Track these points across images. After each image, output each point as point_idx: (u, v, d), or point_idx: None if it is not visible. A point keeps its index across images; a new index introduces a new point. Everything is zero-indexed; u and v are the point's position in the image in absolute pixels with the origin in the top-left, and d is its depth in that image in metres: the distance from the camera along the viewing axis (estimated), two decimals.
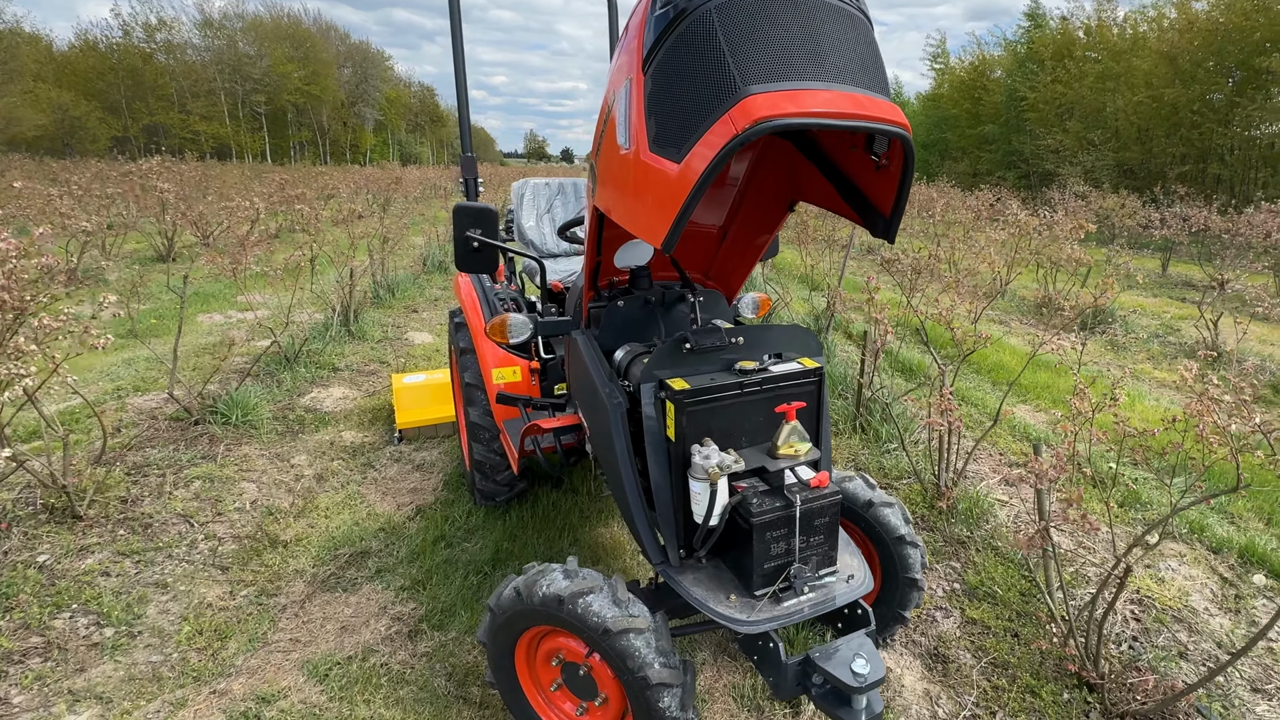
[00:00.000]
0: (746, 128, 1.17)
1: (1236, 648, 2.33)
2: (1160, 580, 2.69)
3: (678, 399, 1.65)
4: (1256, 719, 2.05)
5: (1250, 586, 2.64)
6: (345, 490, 3.55)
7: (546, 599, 1.72)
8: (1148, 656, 2.23)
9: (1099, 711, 2.03)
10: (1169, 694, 1.96)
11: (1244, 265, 7.63)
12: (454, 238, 2.29)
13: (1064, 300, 6.85)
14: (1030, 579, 2.64)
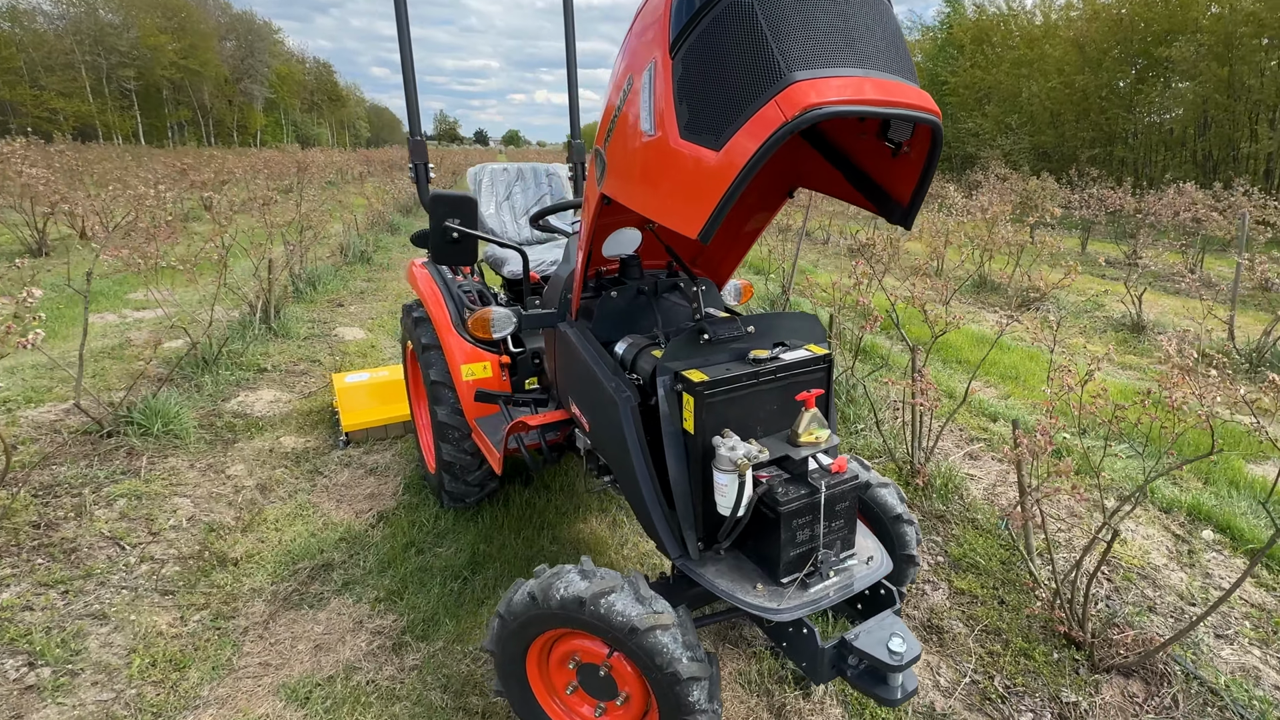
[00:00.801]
0: (796, 115, 1.17)
1: (1196, 600, 2.61)
2: (1123, 541, 2.96)
3: (697, 391, 1.68)
4: (1223, 662, 2.31)
5: (1200, 542, 2.96)
6: (294, 500, 3.38)
7: (566, 601, 1.71)
8: (1124, 613, 2.47)
9: (1087, 668, 2.23)
10: (1148, 648, 2.17)
11: (1155, 243, 8.43)
12: (431, 228, 2.23)
13: (1003, 279, 7.36)
14: (1010, 548, 2.85)
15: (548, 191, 3.55)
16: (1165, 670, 2.20)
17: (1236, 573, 2.79)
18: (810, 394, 1.73)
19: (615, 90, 1.58)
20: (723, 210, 1.29)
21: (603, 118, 1.67)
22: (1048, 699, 2.15)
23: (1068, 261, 5.66)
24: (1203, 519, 3.10)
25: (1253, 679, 2.24)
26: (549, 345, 2.49)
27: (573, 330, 2.18)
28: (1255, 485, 3.44)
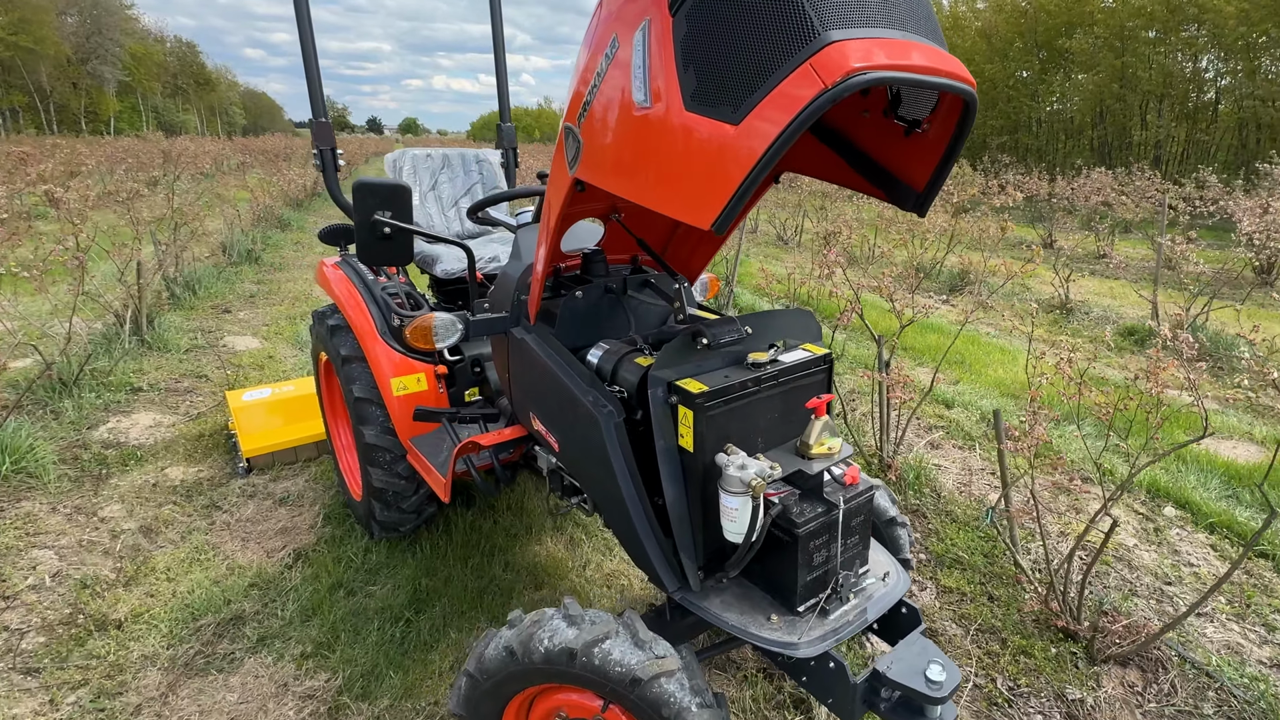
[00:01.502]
0: (838, 81, 1.01)
1: (1172, 578, 2.70)
2: (1042, 531, 3.06)
3: (697, 403, 1.52)
4: (1209, 641, 2.39)
5: (1164, 519, 3.09)
6: (189, 542, 2.98)
7: (552, 654, 1.52)
8: (1111, 599, 2.52)
9: (1085, 661, 2.25)
10: (1143, 637, 2.21)
11: (1066, 226, 9.04)
12: (356, 222, 1.97)
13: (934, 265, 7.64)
14: (990, 540, 2.87)
15: (479, 180, 3.30)
16: (1160, 656, 2.25)
17: (1202, 548, 2.93)
18: (821, 400, 1.61)
19: (593, 55, 1.38)
20: (743, 196, 1.12)
21: (574, 89, 1.47)
22: (1053, 697, 2.14)
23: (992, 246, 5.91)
24: (1161, 496, 3.25)
25: (1238, 656, 2.33)
26: (499, 353, 2.26)
27: (531, 337, 1.98)
28: (1200, 460, 3.66)
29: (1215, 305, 5.66)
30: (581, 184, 1.53)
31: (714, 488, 1.60)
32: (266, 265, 8.88)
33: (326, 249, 10.57)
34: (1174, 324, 1.97)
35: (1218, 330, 5.54)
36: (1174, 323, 1.96)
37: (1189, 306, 5.60)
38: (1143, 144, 18.81)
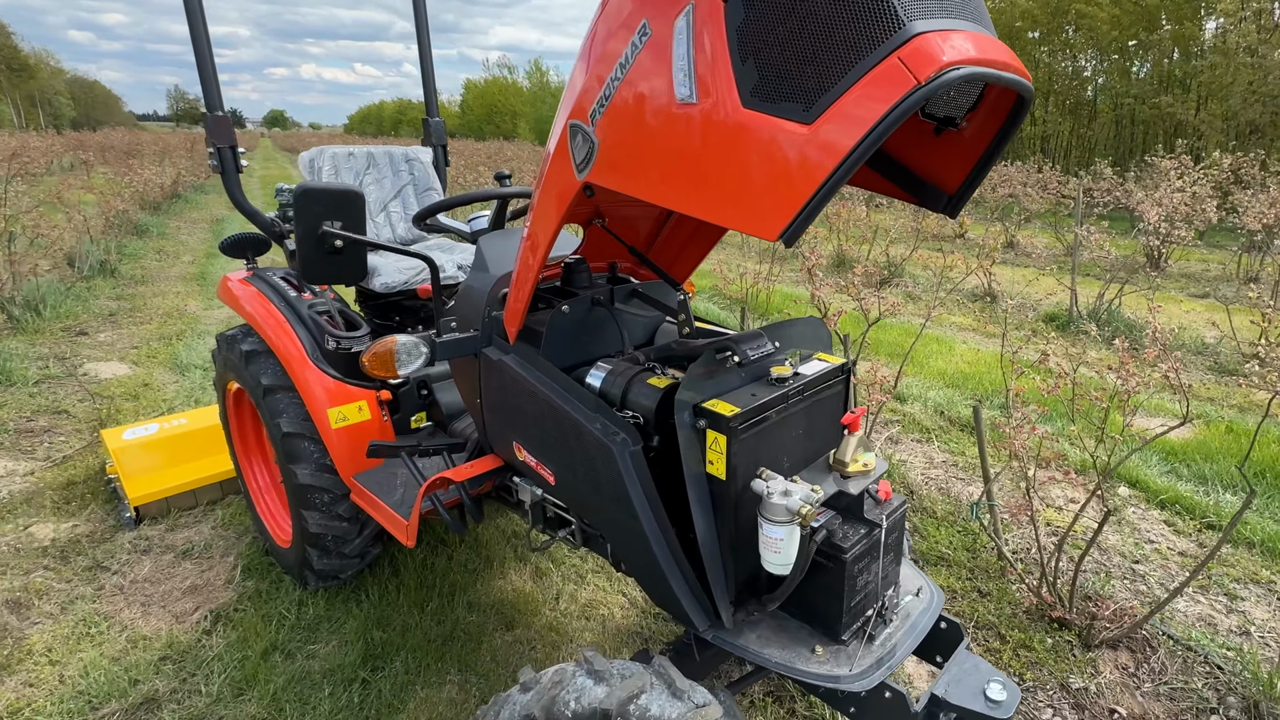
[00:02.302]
0: (931, 76, 0.95)
1: (1139, 557, 2.89)
2: (1060, 509, 3.23)
3: (731, 427, 1.43)
4: (1183, 615, 2.56)
5: (1119, 499, 3.31)
6: (71, 614, 2.60)
7: (581, 717, 1.39)
8: (1094, 584, 2.65)
9: (1080, 648, 2.35)
10: (1133, 621, 2.35)
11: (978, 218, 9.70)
12: (300, 235, 1.77)
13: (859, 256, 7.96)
14: (972, 535, 2.97)
15: (409, 181, 3.08)
16: (1147, 636, 2.38)
17: (1158, 525, 3.15)
18: (855, 415, 1.57)
19: (613, 42, 1.26)
20: (819, 205, 1.03)
21: (584, 83, 1.34)
22: (1059, 688, 2.22)
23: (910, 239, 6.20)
24: (1114, 477, 3.49)
25: (1211, 628, 2.51)
26: (465, 376, 2.09)
27: (512, 358, 1.83)
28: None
29: (1128, 290, 6.20)
30: (591, 189, 1.40)
31: (747, 516, 1.53)
32: (125, 278, 8.04)
33: (199, 257, 9.74)
34: (1159, 338, 2.09)
35: (1132, 315, 6.08)
36: (1158, 333, 2.09)
37: (1103, 292, 6.10)
38: (1032, 138, 20.63)
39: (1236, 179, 8.93)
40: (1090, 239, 5.48)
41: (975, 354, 5.54)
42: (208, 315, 6.77)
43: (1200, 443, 3.87)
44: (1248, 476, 2.23)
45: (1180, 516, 3.22)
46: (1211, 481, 3.48)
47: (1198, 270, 8.66)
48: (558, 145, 1.45)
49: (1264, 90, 13.25)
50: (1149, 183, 8.61)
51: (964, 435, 4.04)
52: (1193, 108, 14.38)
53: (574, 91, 1.39)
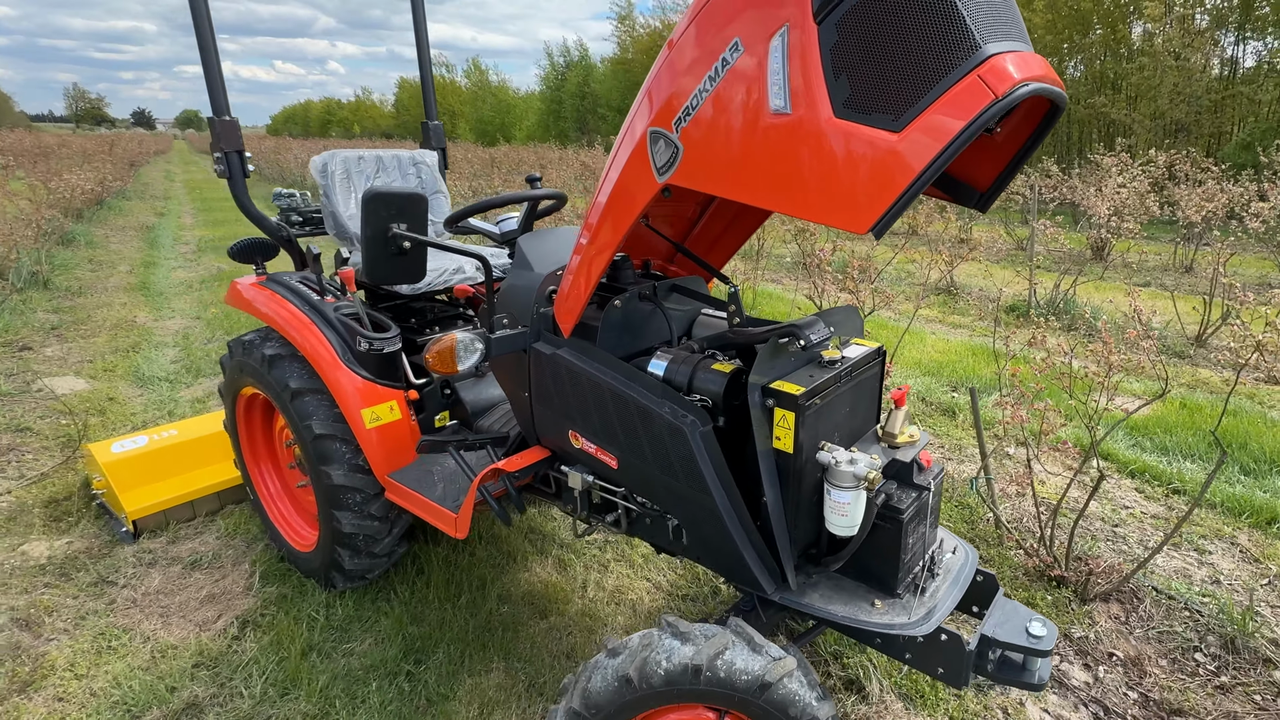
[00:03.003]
0: (1008, 91, 1.15)
1: (1115, 521, 3.21)
2: (1043, 483, 3.54)
3: (798, 405, 1.63)
4: (1161, 570, 2.88)
5: (1095, 470, 3.65)
6: (87, 629, 2.61)
7: (674, 674, 1.55)
8: (1082, 546, 2.95)
9: (1077, 601, 2.63)
10: (1121, 576, 2.64)
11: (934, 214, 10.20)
12: (367, 236, 1.87)
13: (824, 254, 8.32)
14: (968, 508, 3.24)
15: (418, 183, 3.17)
16: (1134, 588, 2.68)
17: (1130, 492, 3.50)
18: (902, 391, 1.79)
19: (701, 59, 1.43)
20: (907, 201, 1.22)
21: (666, 95, 1.50)
22: (1063, 638, 2.49)
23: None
24: (1084, 449, 3.83)
25: (1186, 579, 2.83)
26: (511, 372, 2.22)
27: (568, 351, 1.98)
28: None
29: (1080, 281, 6.70)
30: (670, 190, 1.58)
31: (809, 486, 1.73)
32: (60, 290, 7.76)
33: (137, 266, 9.42)
34: (1141, 324, 2.38)
35: (1086, 303, 6.57)
36: (1140, 321, 2.37)
37: (1058, 283, 6.57)
38: None
39: (1170, 175, 9.68)
40: (1045, 233, 5.92)
41: (945, 343, 5.91)
42: (160, 327, 6.63)
43: (1159, 418, 4.27)
44: (1220, 440, 2.53)
45: (1149, 484, 3.58)
46: (1172, 452, 3.87)
47: (1139, 261, 9.34)
48: (634, 151, 1.61)
49: (1188, 91, 14.35)
50: (1092, 179, 9.26)
51: (945, 419, 4.34)
52: (1124, 107, 15.43)
53: (653, 102, 1.55)
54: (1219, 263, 5.29)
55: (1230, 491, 3.42)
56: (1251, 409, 4.43)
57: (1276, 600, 2.72)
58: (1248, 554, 3.01)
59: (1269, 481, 3.56)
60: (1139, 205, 7.16)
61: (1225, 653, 2.44)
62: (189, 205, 17.76)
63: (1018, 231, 9.81)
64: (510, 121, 40.23)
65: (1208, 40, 14.93)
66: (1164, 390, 2.52)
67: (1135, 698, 2.29)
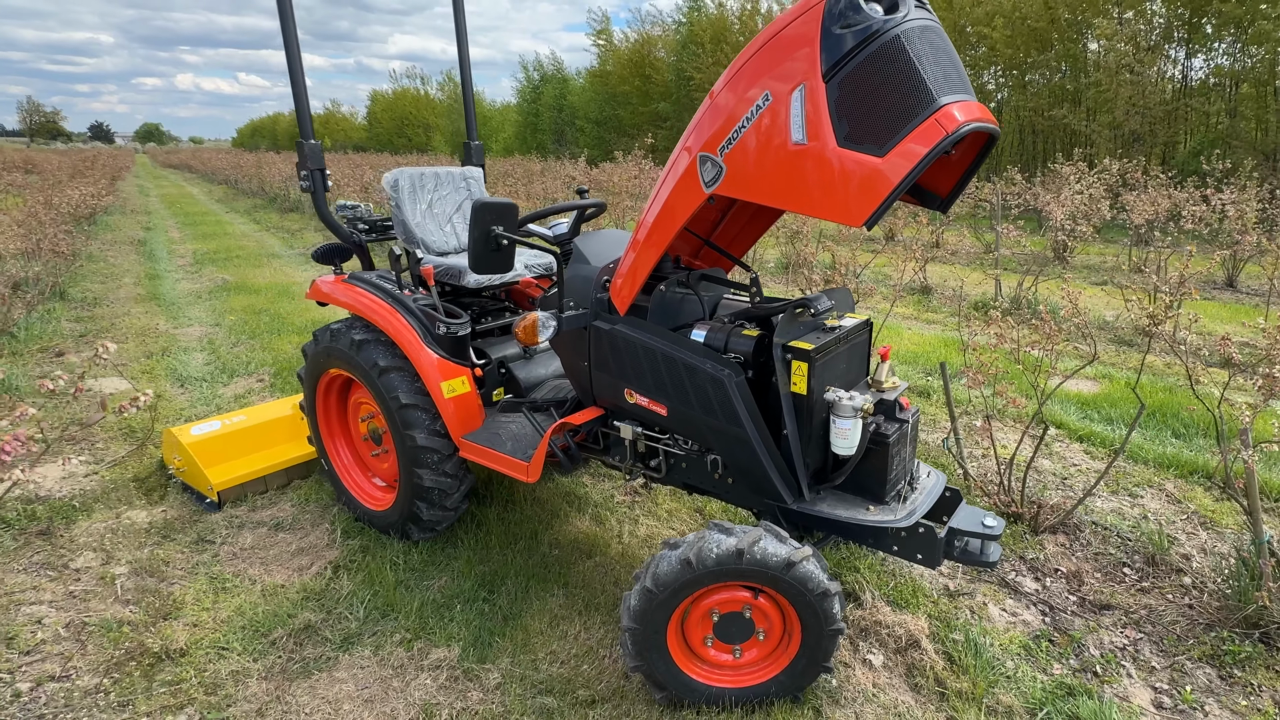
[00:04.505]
0: (954, 130, 1.74)
1: (1064, 475, 3.84)
2: (1004, 446, 4.17)
3: (812, 357, 2.21)
4: (1099, 508, 3.51)
5: (1049, 436, 4.29)
6: (201, 575, 3.10)
7: (724, 558, 2.10)
8: (1035, 492, 3.57)
9: (1030, 533, 3.24)
10: (1064, 511, 3.26)
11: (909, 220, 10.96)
12: (473, 237, 2.41)
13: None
14: (941, 465, 3.85)
15: (468, 196, 3.71)
16: (1076, 522, 3.30)
17: (1078, 454, 4.14)
18: (886, 349, 2.38)
19: (740, 104, 2.00)
20: (890, 201, 1.81)
21: (713, 129, 2.06)
22: (1018, 560, 3.09)
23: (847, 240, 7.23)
24: (1044, 421, 4.48)
25: (1121, 516, 3.46)
26: (573, 347, 2.75)
27: (624, 326, 2.54)
28: (1060, 395, 5.00)
29: (1041, 281, 7.41)
30: (714, 198, 2.16)
31: (819, 421, 2.31)
32: (76, 301, 8.15)
33: (141, 278, 9.79)
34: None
35: (1047, 299, 7.27)
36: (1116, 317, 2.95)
37: (1021, 282, 7.28)
38: None
39: (1124, 182, 10.52)
40: (1009, 236, 6.61)
41: (920, 336, 6.57)
42: (182, 334, 7.06)
43: (1105, 395, 4.94)
44: (1139, 394, 3.16)
45: (1095, 447, 4.22)
46: (1115, 422, 4.53)
47: (1096, 262, 10.15)
48: (686, 171, 2.18)
49: (1142, 104, 15.38)
50: (1053, 187, 10.06)
51: (921, 400, 4.97)
52: (1084, 119, 16.44)
53: (701, 134, 2.13)
54: (1160, 261, 6.01)
55: (1161, 451, 4.08)
56: (1183, 386, 5.12)
57: (1190, 529, 3.35)
58: (1172, 497, 3.65)
59: (1195, 443, 4.23)
60: (1093, 210, 7.92)
61: (1147, 566, 3.06)
62: (171, 220, 18.03)
63: (985, 236, 10.57)
64: (486, 133, 40.79)
65: (1158, 55, 16.01)
66: (1094, 357, 3.13)
67: (1074, 600, 2.89)
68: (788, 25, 1.93)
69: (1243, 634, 2.59)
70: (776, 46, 1.95)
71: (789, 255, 8.68)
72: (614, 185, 11.19)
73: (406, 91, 51.82)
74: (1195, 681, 2.46)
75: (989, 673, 2.49)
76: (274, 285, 9.32)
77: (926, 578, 3.01)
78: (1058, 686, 2.44)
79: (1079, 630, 2.71)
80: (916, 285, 8.38)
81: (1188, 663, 2.54)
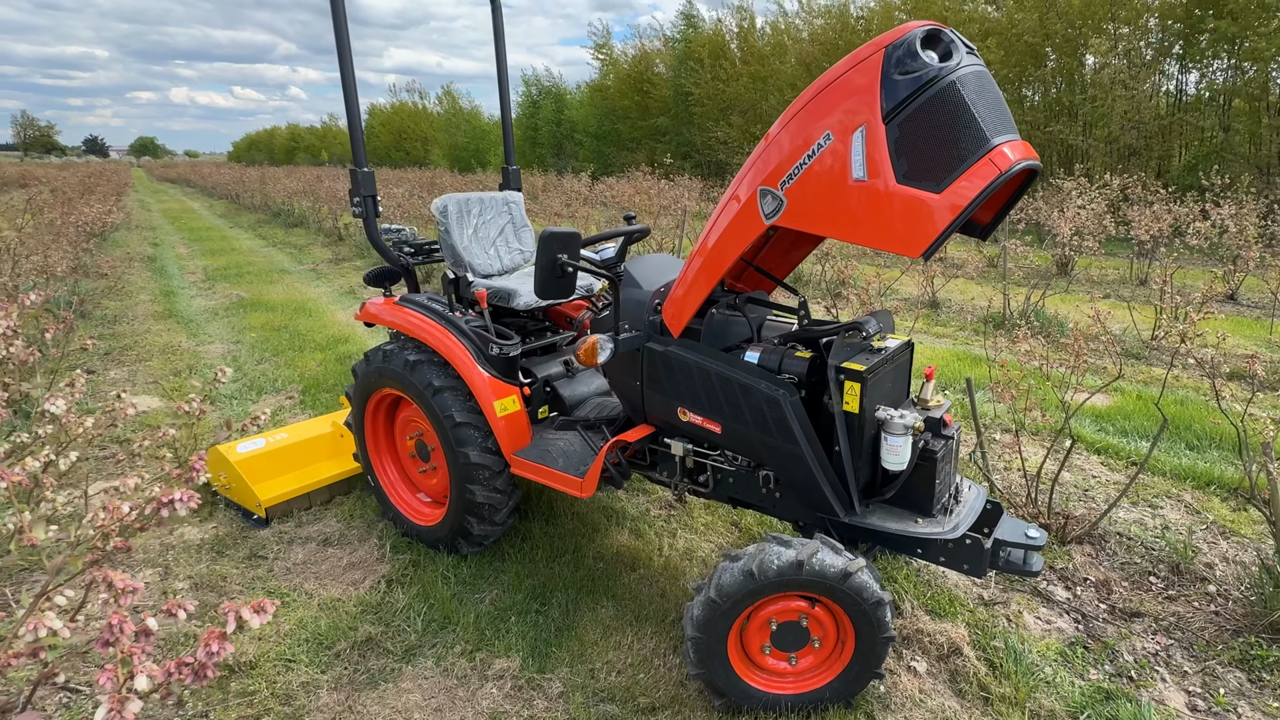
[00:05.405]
0: (1007, 169, 1.88)
1: (1085, 487, 3.97)
2: (1025, 459, 4.29)
3: (863, 378, 2.34)
4: (1123, 520, 3.63)
5: (1066, 448, 4.42)
6: (258, 589, 3.20)
7: (784, 569, 2.21)
8: (1060, 504, 3.70)
9: (1058, 543, 3.36)
10: (1089, 522, 3.38)
11: None
12: (540, 265, 2.53)
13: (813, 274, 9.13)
14: (963, 473, 3.97)
15: (509, 220, 3.84)
16: (1101, 533, 3.43)
17: (1097, 466, 4.27)
18: (931, 369, 2.51)
19: (803, 142, 2.12)
20: (948, 234, 1.94)
21: (774, 164, 2.19)
22: (1048, 569, 3.21)
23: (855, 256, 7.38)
24: (1063, 434, 4.61)
25: (1143, 526, 3.59)
26: (624, 368, 2.87)
27: (678, 347, 2.66)
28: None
29: (1048, 294, 7.57)
30: (774, 230, 2.29)
31: (870, 437, 2.43)
32: (97, 319, 8.25)
33: (157, 295, 9.88)
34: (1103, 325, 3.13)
35: (1053, 312, 7.44)
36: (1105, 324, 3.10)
37: (1029, 296, 7.44)
38: None
39: (1124, 196, 10.73)
40: (1016, 251, 6.77)
41: (932, 350, 6.70)
42: (205, 351, 7.16)
43: (1119, 408, 5.08)
44: (1161, 409, 3.30)
45: (1112, 459, 4.36)
46: (1131, 434, 4.66)
47: (1098, 276, 10.33)
48: (745, 204, 2.31)
49: (1137, 119, 15.65)
50: (1055, 201, 10.26)
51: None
52: (1080, 133, 16.71)
53: (762, 169, 2.25)
54: (1166, 276, 6.17)
55: (1177, 462, 4.21)
56: (1196, 399, 5.27)
57: (1211, 539, 3.48)
58: (1190, 508, 3.78)
59: (1208, 454, 4.37)
60: (1097, 225, 8.10)
61: (1172, 575, 3.19)
62: (177, 235, 18.13)
63: (989, 250, 10.76)
64: (485, 147, 40.99)
65: (1154, 70, 16.31)
66: (1119, 373, 3.27)
67: (1105, 607, 3.02)
68: (847, 71, 2.07)
69: (1269, 639, 2.71)
70: (837, 91, 2.08)
71: (798, 271, 8.82)
72: (637, 206, 11.35)
73: (404, 105, 52.06)
74: (1227, 685, 2.59)
75: (1029, 678, 2.60)
76: (289, 302, 9.43)
77: (962, 587, 3.14)
78: (1096, 691, 2.56)
79: (1111, 637, 2.83)
80: (925, 299, 8.54)
81: (1218, 667, 2.66)
